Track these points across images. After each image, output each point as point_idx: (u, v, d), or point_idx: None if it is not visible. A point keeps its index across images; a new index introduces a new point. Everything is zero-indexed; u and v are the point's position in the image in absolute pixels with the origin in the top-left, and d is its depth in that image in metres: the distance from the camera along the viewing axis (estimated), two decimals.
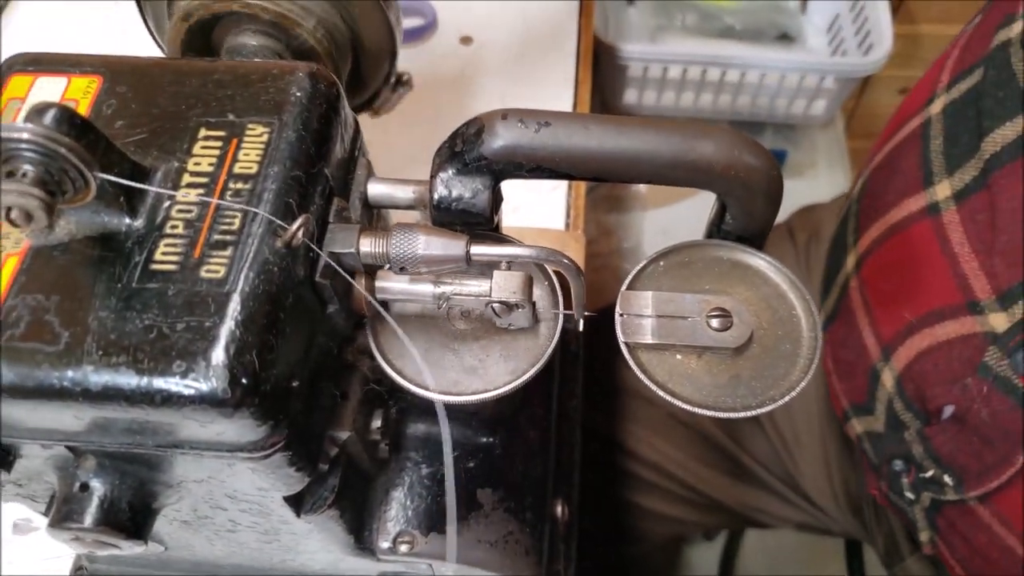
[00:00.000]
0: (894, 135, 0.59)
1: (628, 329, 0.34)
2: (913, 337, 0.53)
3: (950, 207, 0.50)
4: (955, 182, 0.50)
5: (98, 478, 0.29)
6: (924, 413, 0.55)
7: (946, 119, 0.52)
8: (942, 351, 0.51)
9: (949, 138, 0.51)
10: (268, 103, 0.31)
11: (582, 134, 0.32)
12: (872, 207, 0.60)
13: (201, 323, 0.26)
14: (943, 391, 0.52)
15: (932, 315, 0.51)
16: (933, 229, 0.51)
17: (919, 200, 0.53)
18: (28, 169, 0.25)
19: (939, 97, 0.54)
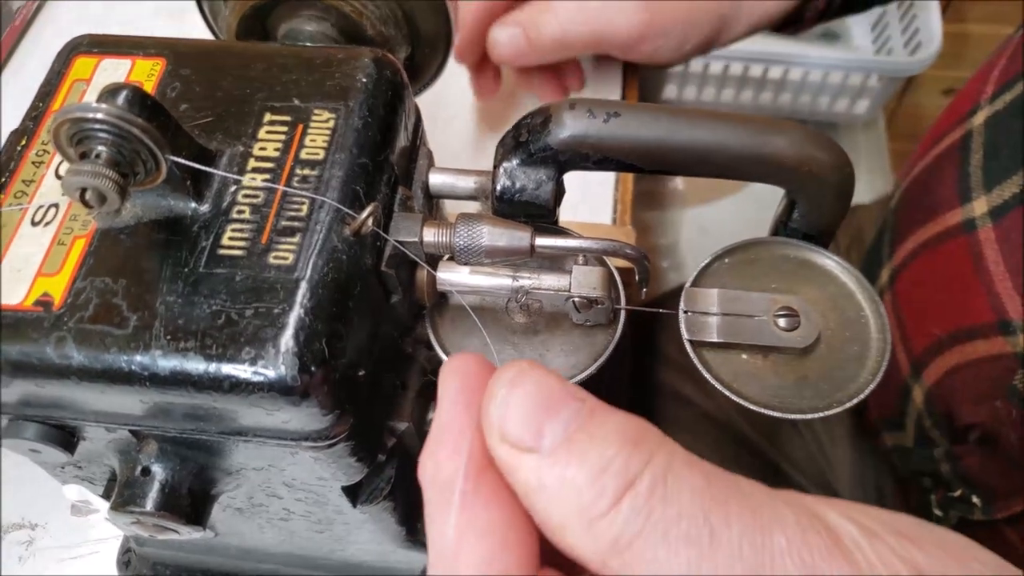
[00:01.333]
0: (934, 146, 0.58)
1: (692, 327, 0.33)
2: (944, 354, 0.52)
3: (986, 224, 0.49)
4: (993, 199, 0.48)
5: (160, 463, 0.29)
6: (953, 432, 0.54)
7: (988, 132, 0.51)
8: (972, 370, 0.50)
9: (990, 152, 0.50)
10: (334, 88, 0.31)
11: (652, 125, 0.31)
12: (909, 220, 0.58)
13: (270, 309, 0.26)
14: (972, 410, 0.51)
15: (963, 333, 0.50)
16: (968, 246, 0.50)
17: (955, 215, 0.51)
18: (101, 150, 0.25)
19: (982, 109, 0.53)
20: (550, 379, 0.22)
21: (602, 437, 0.21)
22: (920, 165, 0.60)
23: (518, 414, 0.21)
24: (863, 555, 0.20)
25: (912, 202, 0.59)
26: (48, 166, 0.30)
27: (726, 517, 0.20)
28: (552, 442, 0.21)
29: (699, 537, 0.20)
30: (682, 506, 0.20)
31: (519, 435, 0.21)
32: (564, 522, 0.20)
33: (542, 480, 0.21)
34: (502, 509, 0.21)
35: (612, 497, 0.20)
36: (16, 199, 0.29)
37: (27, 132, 0.31)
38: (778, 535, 0.20)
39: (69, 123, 0.24)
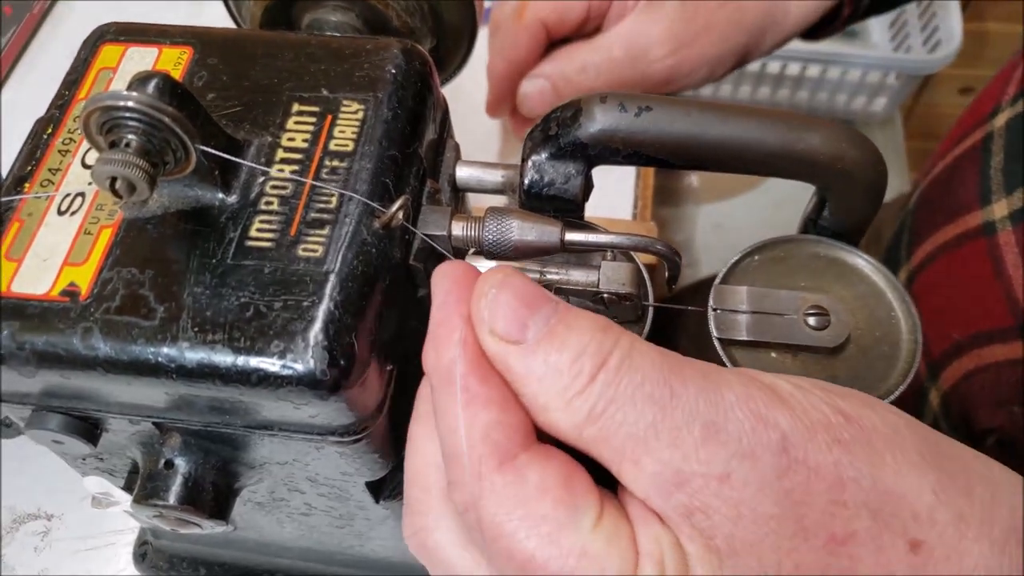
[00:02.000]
0: (954, 147, 0.57)
1: (721, 325, 0.33)
2: (961, 358, 0.51)
3: (1006, 227, 0.48)
4: (1013, 202, 0.48)
5: (183, 456, 0.29)
6: (970, 436, 0.53)
7: (1009, 134, 0.50)
8: (989, 374, 0.49)
9: (1010, 155, 0.49)
10: (363, 79, 0.30)
11: (684, 120, 0.31)
12: (927, 222, 0.58)
13: (299, 302, 0.26)
14: (989, 415, 0.50)
15: (981, 336, 0.50)
16: (987, 249, 0.49)
17: (975, 218, 0.51)
18: (132, 139, 0.25)
19: (1003, 110, 0.52)
20: (529, 283, 0.25)
21: (577, 327, 0.24)
22: (940, 166, 0.59)
23: (505, 311, 0.24)
24: (797, 401, 0.24)
25: (931, 203, 0.59)
26: (75, 155, 0.30)
27: (683, 380, 0.23)
28: (536, 334, 0.24)
29: (661, 397, 0.23)
30: (645, 372, 0.23)
31: (506, 329, 0.24)
32: (547, 402, 0.24)
33: (529, 367, 0.24)
34: (499, 386, 0.24)
35: (588, 375, 0.23)
36: (42, 188, 0.29)
37: (53, 120, 0.30)
38: (727, 391, 0.23)
39: (100, 111, 0.24)
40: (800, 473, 0.23)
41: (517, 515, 0.23)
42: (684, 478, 0.23)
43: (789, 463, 0.23)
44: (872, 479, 0.23)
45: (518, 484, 0.23)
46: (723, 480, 0.22)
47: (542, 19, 0.53)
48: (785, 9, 0.58)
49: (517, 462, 0.23)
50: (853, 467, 0.23)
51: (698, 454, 0.23)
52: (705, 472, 0.22)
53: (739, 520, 0.22)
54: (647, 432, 0.23)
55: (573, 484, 0.24)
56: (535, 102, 0.55)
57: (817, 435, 0.23)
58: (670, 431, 0.23)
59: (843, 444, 0.23)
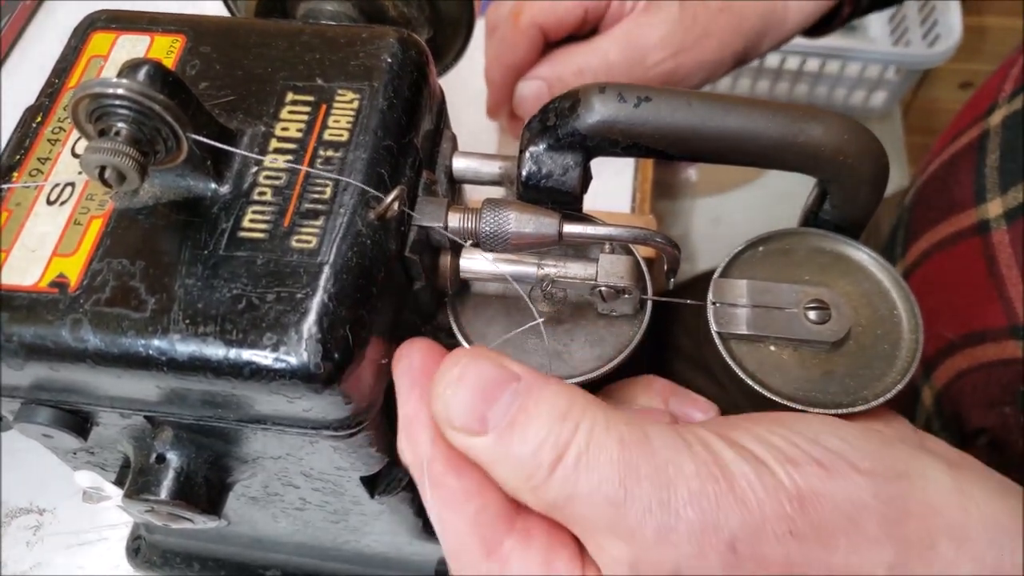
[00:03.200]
0: (951, 144, 0.57)
1: (721, 319, 0.32)
2: (954, 357, 0.51)
3: (1001, 226, 0.48)
4: (1008, 200, 0.47)
5: (175, 450, 0.29)
6: (962, 435, 0.53)
7: (1005, 132, 0.50)
8: (981, 374, 0.49)
9: (1006, 153, 0.49)
10: (358, 68, 0.30)
11: (685, 111, 0.30)
12: (922, 219, 0.57)
13: (292, 294, 0.25)
14: (980, 415, 0.50)
15: (974, 336, 0.49)
16: (981, 248, 0.49)
17: (970, 216, 0.50)
18: (121, 127, 0.24)
19: (1000, 107, 0.51)
20: (488, 368, 0.25)
21: (536, 416, 0.24)
22: (936, 162, 0.59)
23: (462, 408, 0.25)
24: (753, 493, 0.24)
25: (927, 200, 0.58)
26: (64, 144, 0.29)
27: (637, 478, 0.24)
28: (496, 425, 0.24)
29: (615, 497, 0.24)
30: (602, 473, 0.24)
31: (466, 424, 0.25)
32: (515, 487, 0.25)
33: (492, 457, 0.25)
34: (474, 475, 0.25)
35: (548, 468, 0.24)
36: (31, 177, 0.28)
37: (43, 109, 0.30)
38: (681, 488, 0.24)
39: (89, 99, 0.24)
40: (748, 568, 0.24)
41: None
42: (640, 568, 0.24)
43: (738, 561, 0.24)
44: (824, 564, 0.24)
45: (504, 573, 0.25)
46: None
47: (539, 23, 0.53)
48: (784, 13, 0.58)
49: (502, 551, 0.25)
50: (802, 555, 0.24)
51: (649, 554, 0.24)
52: (656, 571, 0.24)
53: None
54: (605, 526, 0.24)
55: (553, 559, 0.25)
56: (531, 104, 0.55)
57: (768, 528, 0.24)
58: (625, 529, 0.24)
59: (796, 535, 0.24)
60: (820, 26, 0.61)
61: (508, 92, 0.56)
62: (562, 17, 0.53)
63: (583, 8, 0.53)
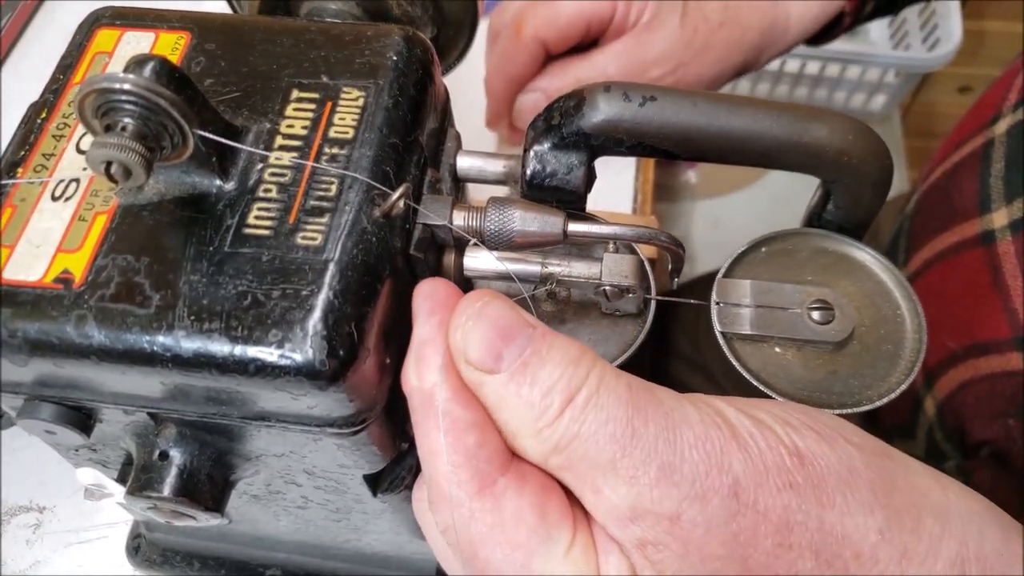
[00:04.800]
0: (954, 152, 0.57)
1: (725, 319, 0.32)
2: (957, 367, 0.51)
3: (1006, 237, 0.48)
4: (1013, 211, 0.47)
5: (178, 447, 0.29)
6: (964, 447, 0.53)
7: (1010, 141, 0.50)
8: (984, 385, 0.49)
9: (1011, 163, 0.49)
10: (363, 66, 0.30)
11: (690, 110, 0.30)
12: (925, 228, 0.57)
13: (298, 291, 0.25)
14: (984, 426, 0.50)
15: (977, 347, 0.49)
16: (986, 258, 0.49)
17: (974, 226, 0.50)
18: (128, 122, 0.24)
19: (1005, 117, 0.51)
20: (507, 310, 0.26)
21: (550, 359, 0.25)
22: (939, 171, 0.58)
23: (479, 342, 0.25)
24: (755, 443, 0.24)
25: (930, 209, 0.58)
26: (69, 139, 0.29)
27: (645, 419, 0.24)
28: (509, 365, 0.25)
29: (622, 436, 0.24)
30: (610, 412, 0.24)
31: (481, 359, 0.25)
32: (518, 430, 0.25)
33: (501, 397, 0.25)
34: (478, 410, 0.25)
35: (557, 410, 0.24)
36: (36, 173, 0.28)
37: (48, 104, 0.30)
38: (686, 432, 0.24)
39: (95, 94, 0.23)
40: (748, 517, 0.24)
41: (493, 540, 0.24)
42: (638, 513, 0.24)
43: (739, 508, 0.24)
44: (819, 520, 0.24)
45: (495, 512, 0.25)
46: (674, 520, 0.24)
47: (541, 36, 0.53)
48: (785, 25, 0.58)
49: (495, 488, 0.25)
50: (801, 510, 0.24)
51: (652, 493, 0.24)
52: (657, 511, 0.24)
53: (686, 557, 0.24)
54: (607, 467, 0.24)
55: (547, 510, 0.25)
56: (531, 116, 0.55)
57: (769, 478, 0.24)
58: (628, 469, 0.24)
59: (794, 488, 0.24)
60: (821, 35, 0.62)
61: (508, 103, 0.56)
62: (564, 31, 0.53)
63: (586, 22, 0.53)
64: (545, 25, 0.52)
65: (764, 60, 0.59)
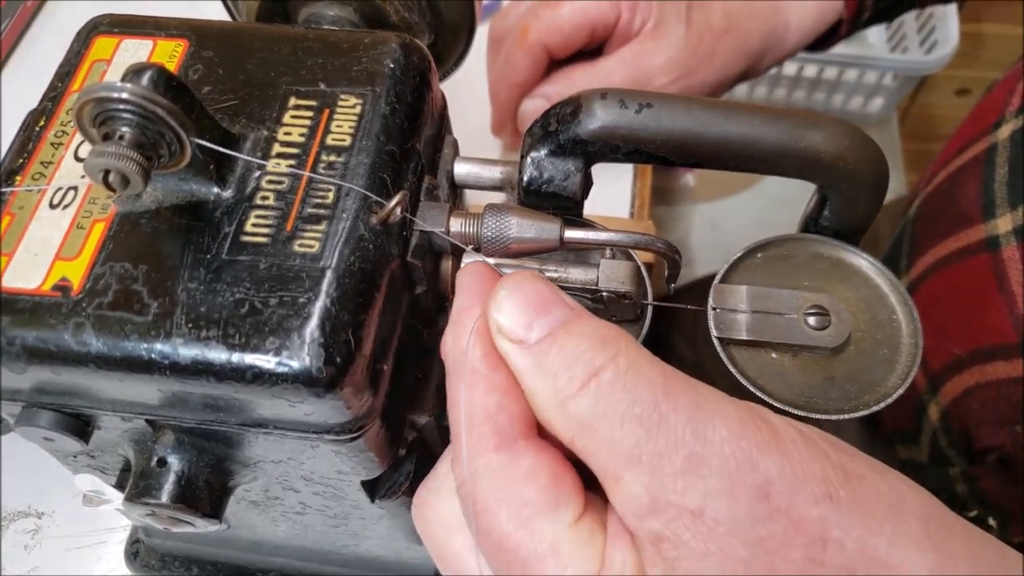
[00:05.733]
0: (955, 158, 0.57)
1: (721, 324, 0.32)
2: (962, 373, 0.51)
3: (1011, 243, 0.48)
4: (1017, 216, 0.47)
5: (176, 454, 0.29)
6: (969, 452, 0.53)
7: (1013, 147, 0.50)
8: (990, 391, 0.49)
9: (1015, 168, 0.49)
10: (360, 73, 0.30)
11: (686, 117, 0.30)
12: (928, 233, 0.57)
13: (295, 299, 0.25)
14: (990, 432, 0.50)
15: (982, 353, 0.49)
16: (991, 264, 0.49)
17: (978, 231, 0.50)
18: (125, 131, 0.24)
19: (1007, 122, 0.51)
20: (545, 287, 0.26)
21: (578, 333, 0.24)
22: (941, 175, 0.58)
23: (513, 311, 0.25)
24: (796, 449, 0.23)
25: (932, 214, 0.58)
26: (67, 147, 0.29)
27: (675, 406, 0.23)
28: (538, 335, 0.25)
29: (649, 420, 0.23)
30: (638, 394, 0.23)
31: (512, 328, 0.25)
32: (543, 402, 0.24)
33: (527, 365, 0.25)
34: (507, 375, 0.25)
35: (580, 382, 0.24)
36: (34, 181, 0.28)
37: (46, 112, 0.30)
38: (720, 425, 0.23)
39: (93, 103, 0.24)
40: (779, 523, 0.22)
41: (503, 494, 0.24)
42: (659, 506, 0.22)
43: (769, 511, 0.22)
44: (859, 542, 0.22)
45: (511, 466, 0.24)
46: (696, 515, 0.22)
47: (545, 42, 0.53)
48: (785, 33, 0.58)
49: (515, 447, 0.24)
50: (840, 527, 0.22)
51: (675, 484, 0.22)
52: (680, 503, 0.22)
53: (706, 557, 0.22)
54: (631, 453, 0.23)
55: (562, 480, 0.24)
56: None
57: (808, 487, 0.22)
58: (652, 456, 0.23)
59: (835, 501, 0.22)
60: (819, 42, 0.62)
61: (513, 110, 0.56)
62: (569, 37, 0.53)
63: (590, 28, 0.53)
64: (549, 31, 0.53)
65: (764, 67, 0.60)
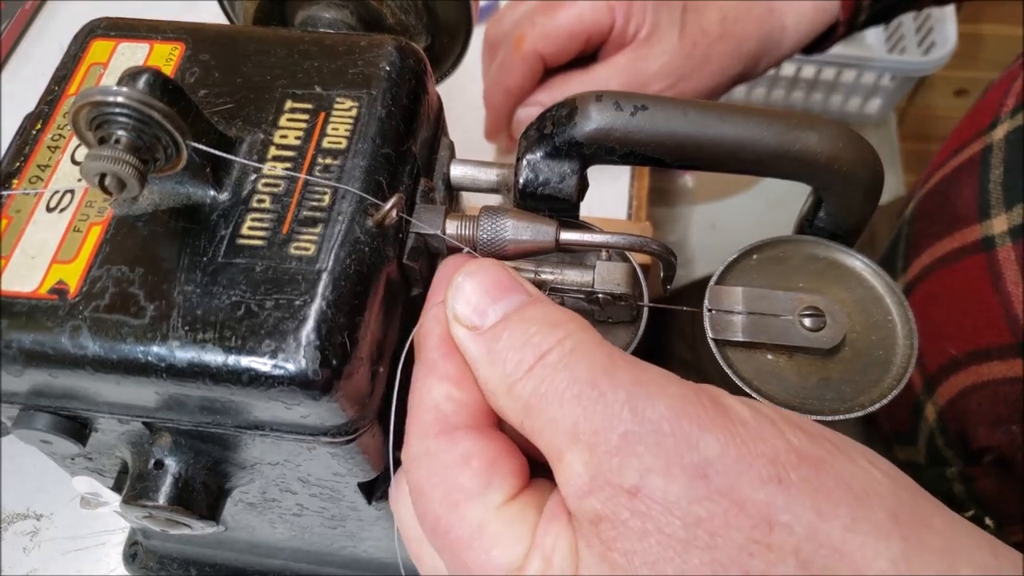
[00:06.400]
0: (951, 158, 0.57)
1: (717, 325, 0.32)
2: (958, 374, 0.51)
3: (1006, 243, 0.48)
4: (1013, 217, 0.47)
5: (173, 456, 0.29)
6: (966, 452, 0.53)
7: (1009, 147, 0.50)
8: (987, 391, 0.49)
9: (1010, 169, 0.49)
10: (356, 76, 0.30)
11: (681, 119, 0.31)
12: (924, 233, 0.57)
13: (291, 301, 0.25)
14: (987, 433, 0.50)
15: (979, 353, 0.49)
16: (986, 265, 0.49)
17: (974, 232, 0.50)
18: (121, 135, 0.24)
19: (1003, 122, 0.51)
20: (505, 273, 0.26)
21: (530, 318, 0.24)
22: (937, 176, 0.59)
23: (468, 298, 0.25)
24: (746, 430, 0.22)
25: (928, 215, 0.58)
26: (64, 151, 0.29)
27: (614, 384, 0.23)
28: (492, 320, 0.25)
29: (587, 399, 0.23)
30: (578, 373, 0.23)
31: (466, 315, 0.25)
32: (494, 388, 0.24)
33: (480, 351, 0.25)
34: (459, 365, 0.25)
35: (528, 366, 0.24)
36: (31, 184, 0.28)
37: (43, 116, 0.30)
38: (659, 404, 0.22)
39: (89, 107, 0.24)
40: (718, 504, 0.21)
41: (437, 479, 0.24)
42: (597, 484, 0.22)
43: (708, 492, 0.21)
44: (810, 528, 0.21)
45: (447, 452, 0.24)
46: (633, 493, 0.22)
47: (540, 50, 0.53)
48: (781, 35, 0.58)
49: (455, 434, 0.24)
50: (789, 511, 0.21)
51: (611, 462, 0.22)
52: (616, 482, 0.22)
53: (645, 537, 0.21)
54: (570, 432, 0.23)
55: (499, 463, 0.24)
56: None
57: (753, 468, 0.21)
58: (590, 434, 0.22)
59: (784, 484, 0.21)
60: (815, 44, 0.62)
61: (507, 116, 0.56)
62: (564, 45, 0.53)
63: (586, 35, 0.53)
64: (544, 39, 0.53)
65: (760, 70, 0.60)
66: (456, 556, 0.24)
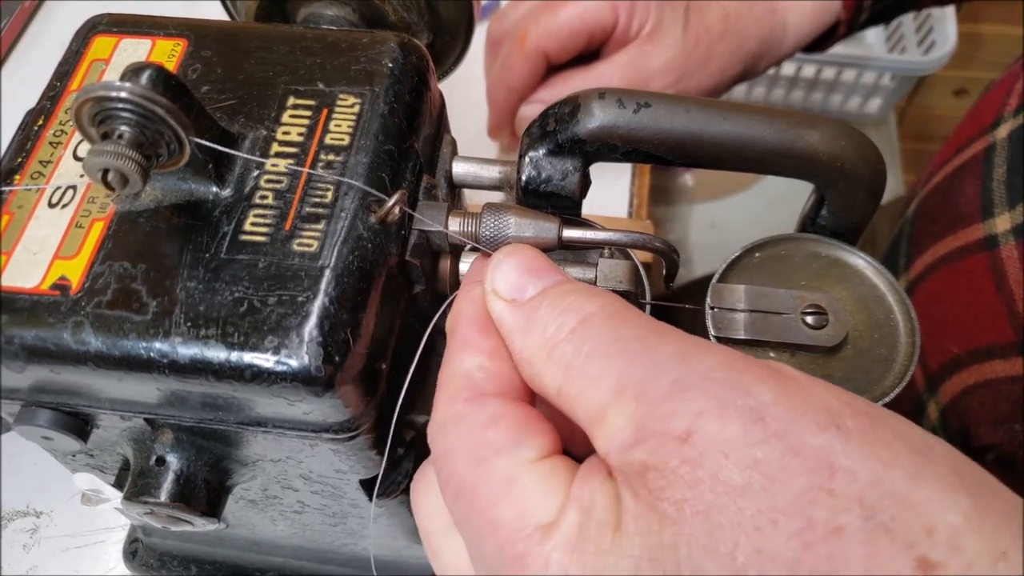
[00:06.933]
0: (953, 157, 0.57)
1: (719, 323, 0.32)
2: (960, 372, 0.51)
3: (1009, 242, 0.48)
4: (1016, 216, 0.47)
5: (174, 453, 0.29)
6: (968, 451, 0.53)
7: (1012, 146, 0.50)
8: (989, 390, 0.49)
9: (1013, 167, 0.49)
10: (359, 73, 0.30)
11: (684, 117, 0.30)
12: (926, 232, 0.57)
13: (294, 297, 0.25)
14: (989, 432, 0.50)
15: (981, 352, 0.49)
16: (989, 263, 0.49)
17: (977, 231, 0.50)
18: (124, 130, 0.24)
19: (1006, 121, 0.51)
20: (541, 256, 0.26)
21: (571, 290, 0.25)
22: (939, 175, 0.59)
23: (507, 274, 0.26)
24: (798, 383, 0.21)
25: (931, 213, 0.58)
26: (66, 147, 0.29)
27: (662, 338, 0.22)
28: (531, 294, 0.25)
29: (634, 351, 0.22)
30: (625, 330, 0.23)
31: (506, 289, 0.25)
32: (532, 356, 0.24)
33: (518, 321, 0.25)
34: (493, 339, 0.25)
35: (570, 328, 0.23)
36: (33, 180, 0.28)
37: (44, 112, 0.30)
38: (707, 356, 0.22)
39: (92, 102, 0.24)
40: (774, 446, 0.20)
41: (464, 440, 0.23)
42: (643, 435, 0.21)
43: (764, 435, 0.20)
44: (874, 474, 0.19)
45: (475, 414, 0.24)
46: (684, 439, 0.20)
47: (543, 48, 0.53)
48: (782, 34, 0.58)
49: (485, 398, 0.24)
50: (849, 456, 0.19)
51: (660, 409, 0.21)
52: (665, 429, 0.20)
53: (697, 484, 0.20)
54: (616, 385, 0.22)
55: (530, 425, 0.23)
56: None
57: (808, 415, 0.20)
58: (637, 383, 0.21)
59: (842, 431, 0.20)
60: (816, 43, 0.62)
61: (510, 114, 0.56)
62: (567, 43, 0.53)
63: (588, 33, 0.53)
64: (548, 37, 0.53)
65: (761, 69, 0.60)
66: (482, 515, 0.22)
